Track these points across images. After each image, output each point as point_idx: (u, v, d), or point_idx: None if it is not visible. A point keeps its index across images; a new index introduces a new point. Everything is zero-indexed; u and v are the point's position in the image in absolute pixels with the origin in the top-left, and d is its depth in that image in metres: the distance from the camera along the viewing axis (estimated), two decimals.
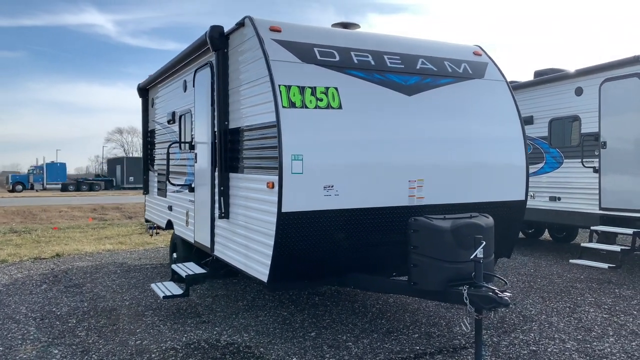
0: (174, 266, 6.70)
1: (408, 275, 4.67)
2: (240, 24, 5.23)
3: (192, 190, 6.80)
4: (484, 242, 4.29)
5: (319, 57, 4.98)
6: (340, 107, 4.84)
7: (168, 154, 6.87)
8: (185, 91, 7.19)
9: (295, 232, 4.61)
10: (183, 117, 7.26)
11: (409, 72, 5.36)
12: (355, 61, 5.15)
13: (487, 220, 4.72)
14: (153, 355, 5.03)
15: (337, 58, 5.08)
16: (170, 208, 7.99)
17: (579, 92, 9.19)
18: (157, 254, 10.67)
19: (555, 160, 9.69)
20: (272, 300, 6.94)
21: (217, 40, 5.53)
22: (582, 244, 8.73)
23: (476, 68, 5.85)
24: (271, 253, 4.63)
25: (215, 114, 5.65)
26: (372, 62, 5.23)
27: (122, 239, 12.71)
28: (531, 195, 10.12)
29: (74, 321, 6.08)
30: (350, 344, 5.35)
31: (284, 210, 4.50)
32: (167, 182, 6.99)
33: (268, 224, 4.69)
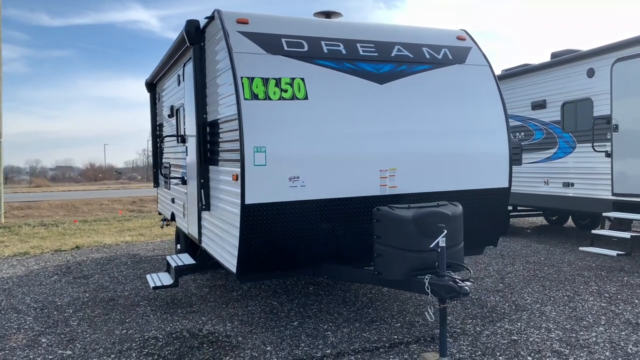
0: (168, 257, 6.87)
1: (373, 264, 4.65)
2: (212, 18, 5.28)
3: (184, 182, 6.93)
4: (445, 231, 4.21)
5: (285, 48, 4.98)
6: (306, 97, 4.83)
7: (160, 146, 7.02)
8: (179, 85, 7.31)
9: (261, 223, 4.64)
10: (178, 110, 7.40)
11: (382, 60, 5.29)
12: (325, 51, 5.12)
13: (455, 209, 4.64)
14: (134, 344, 5.18)
15: (306, 48, 5.06)
16: (172, 200, 8.17)
17: (590, 73, 8.85)
18: (171, 245, 10.92)
19: (568, 145, 9.37)
20: (265, 290, 7.02)
21: (194, 35, 5.59)
22: (593, 231, 8.46)
23: (457, 53, 5.71)
24: (237, 244, 4.68)
25: (194, 107, 5.74)
26: (344, 51, 5.19)
27: (143, 231, 13.07)
28: (545, 182, 9.86)
29: (71, 311, 6.32)
30: (330, 333, 5.37)
31: (247, 202, 4.54)
32: (160, 174, 7.16)
33: (234, 216, 4.75)
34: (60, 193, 37.10)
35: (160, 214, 10.17)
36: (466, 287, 4.11)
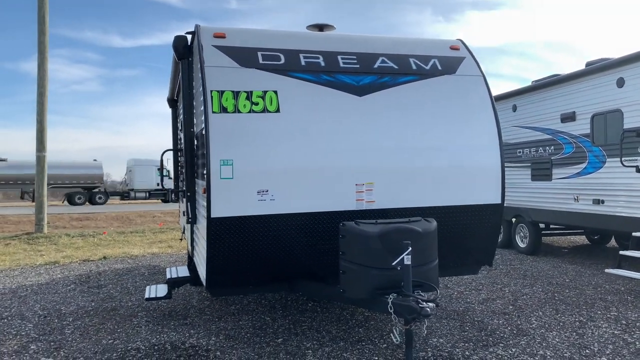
0: (167, 269, 6.93)
1: (339, 281, 4.49)
2: (193, 33, 5.32)
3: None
4: (410, 248, 4.02)
5: (260, 61, 4.94)
6: (277, 110, 4.77)
7: (162, 160, 7.14)
8: None
9: (228, 237, 4.59)
10: None
11: (363, 72, 5.16)
12: (303, 63, 5.05)
13: (427, 225, 4.42)
14: (114, 355, 5.23)
15: (282, 61, 5.01)
16: (184, 213, 8.28)
17: (620, 83, 8.32)
18: None
19: (598, 160, 8.82)
20: (264, 305, 6.95)
21: (181, 50, 5.65)
22: (620, 252, 7.88)
23: (448, 64, 5.50)
24: (206, 257, 4.65)
25: (183, 120, 5.80)
26: (322, 64, 5.10)
27: (173, 243, 13.32)
28: (574, 198, 9.32)
29: (70, 319, 6.48)
30: (310, 352, 5.23)
31: (213, 215, 4.51)
32: (161, 185, 7.29)
33: (204, 229, 4.73)
34: (120, 205, 38.61)
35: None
36: (427, 309, 3.89)
